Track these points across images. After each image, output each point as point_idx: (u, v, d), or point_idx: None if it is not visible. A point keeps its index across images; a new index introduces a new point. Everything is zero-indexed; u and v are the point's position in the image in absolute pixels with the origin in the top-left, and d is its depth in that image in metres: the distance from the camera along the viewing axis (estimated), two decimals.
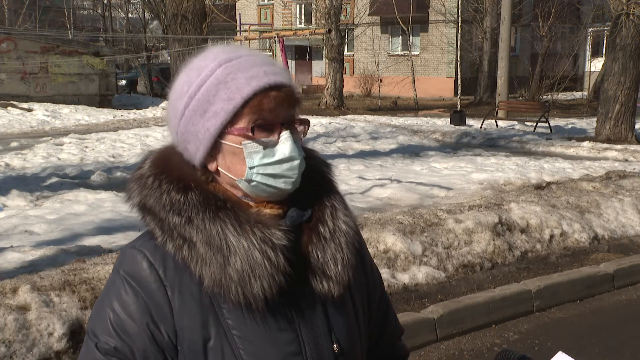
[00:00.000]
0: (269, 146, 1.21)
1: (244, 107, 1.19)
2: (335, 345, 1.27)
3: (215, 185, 1.25)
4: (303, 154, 1.25)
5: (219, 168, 1.24)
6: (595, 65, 30.94)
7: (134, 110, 24.44)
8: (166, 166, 1.25)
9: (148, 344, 1.19)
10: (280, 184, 1.22)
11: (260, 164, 1.20)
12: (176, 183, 1.21)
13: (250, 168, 1.21)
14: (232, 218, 1.19)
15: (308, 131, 1.28)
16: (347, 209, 1.32)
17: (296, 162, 1.22)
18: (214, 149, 1.22)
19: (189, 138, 1.23)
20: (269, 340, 1.20)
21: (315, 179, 1.31)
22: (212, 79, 1.20)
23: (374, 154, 13.49)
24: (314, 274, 1.25)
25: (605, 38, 24.59)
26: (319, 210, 1.28)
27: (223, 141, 1.21)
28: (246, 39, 9.85)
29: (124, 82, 35.21)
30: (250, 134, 1.19)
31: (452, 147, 15.13)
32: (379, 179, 9.95)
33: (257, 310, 1.18)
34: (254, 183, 1.22)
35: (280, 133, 1.21)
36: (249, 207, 1.24)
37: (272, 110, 1.20)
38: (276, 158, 1.21)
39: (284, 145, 1.21)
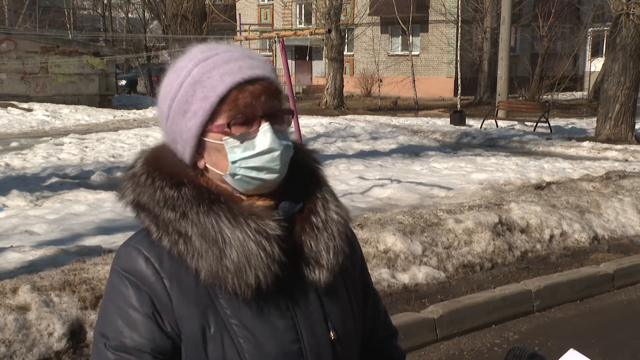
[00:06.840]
0: (247, 139, 1.22)
1: (220, 105, 1.21)
2: (331, 332, 1.29)
3: (208, 180, 1.28)
4: (288, 142, 1.26)
5: (206, 165, 1.27)
6: (595, 65, 30.94)
7: (134, 110, 24.43)
8: (158, 164, 1.27)
9: (156, 331, 1.21)
10: (263, 175, 1.24)
11: (242, 158, 1.22)
12: (169, 179, 1.24)
13: (233, 162, 1.23)
14: (226, 211, 1.21)
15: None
16: (338, 200, 1.35)
17: (276, 153, 1.23)
18: (200, 147, 1.25)
19: (176, 138, 1.26)
20: (267, 329, 1.22)
21: (304, 173, 1.34)
22: (189, 80, 1.22)
23: (374, 154, 13.49)
24: (307, 263, 1.27)
25: (605, 38, 24.59)
26: (311, 201, 1.31)
27: (206, 139, 1.24)
28: (246, 39, 9.86)
29: (124, 82, 35.25)
30: (227, 129, 1.21)
31: (452, 147, 15.13)
32: (379, 179, 9.95)
33: (253, 299, 1.20)
34: (238, 176, 1.24)
35: (259, 125, 1.22)
36: (241, 200, 1.26)
37: (250, 105, 1.21)
38: (256, 150, 1.22)
39: (263, 137, 1.22)
